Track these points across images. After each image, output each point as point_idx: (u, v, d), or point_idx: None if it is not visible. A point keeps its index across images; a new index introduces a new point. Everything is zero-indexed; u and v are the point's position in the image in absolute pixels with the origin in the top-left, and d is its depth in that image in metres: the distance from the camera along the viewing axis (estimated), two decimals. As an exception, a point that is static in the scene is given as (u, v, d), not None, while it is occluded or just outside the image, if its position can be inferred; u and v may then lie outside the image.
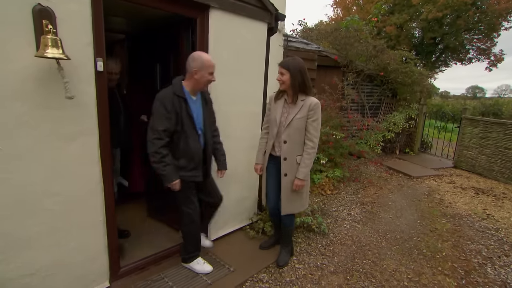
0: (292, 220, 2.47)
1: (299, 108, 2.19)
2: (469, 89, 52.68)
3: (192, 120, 2.01)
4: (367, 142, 5.39)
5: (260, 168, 2.47)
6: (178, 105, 1.93)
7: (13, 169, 1.53)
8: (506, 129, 5.23)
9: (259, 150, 2.48)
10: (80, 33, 1.64)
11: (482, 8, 12.88)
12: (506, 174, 5.22)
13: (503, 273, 2.63)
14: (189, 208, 2.15)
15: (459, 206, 4.12)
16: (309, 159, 2.20)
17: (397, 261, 2.70)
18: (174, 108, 1.92)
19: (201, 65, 1.93)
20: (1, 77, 1.42)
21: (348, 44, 5.69)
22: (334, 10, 17.22)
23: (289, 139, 2.22)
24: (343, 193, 4.35)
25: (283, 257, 2.54)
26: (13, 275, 1.61)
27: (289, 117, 2.20)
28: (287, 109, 2.25)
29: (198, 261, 2.31)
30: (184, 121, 1.97)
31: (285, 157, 2.24)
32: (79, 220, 1.82)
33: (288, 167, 2.24)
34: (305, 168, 2.20)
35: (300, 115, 2.18)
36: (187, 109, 1.97)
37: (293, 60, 2.19)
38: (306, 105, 2.18)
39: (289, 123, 2.19)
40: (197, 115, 2.07)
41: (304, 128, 2.20)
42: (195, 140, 2.05)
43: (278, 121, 2.26)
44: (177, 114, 1.93)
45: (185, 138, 2.01)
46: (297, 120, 2.18)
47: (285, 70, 2.17)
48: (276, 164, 2.34)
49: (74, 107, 1.67)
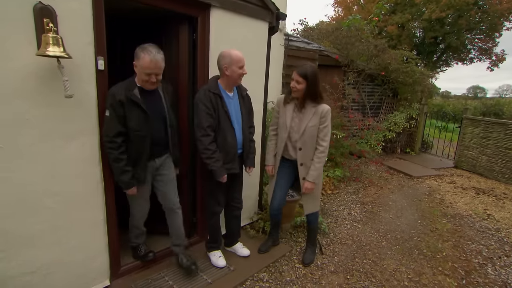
0: (317, 218, 2.58)
1: (311, 115, 2.22)
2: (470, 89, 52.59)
3: (228, 115, 2.10)
4: (367, 142, 5.39)
5: (272, 168, 2.49)
6: (214, 102, 2.04)
7: (14, 168, 1.53)
8: (507, 129, 5.22)
9: (269, 152, 2.51)
10: (81, 32, 1.64)
11: (484, 7, 12.85)
12: (507, 174, 5.21)
13: (503, 273, 2.62)
14: (215, 202, 2.28)
15: (459, 206, 4.11)
16: (319, 163, 2.27)
17: (397, 261, 2.70)
18: (212, 104, 2.02)
19: (230, 61, 2.03)
20: (1, 75, 1.42)
21: (349, 44, 5.68)
22: (335, 10, 17.19)
23: (304, 146, 2.28)
24: (343, 192, 4.35)
25: (309, 255, 2.60)
26: (14, 273, 1.61)
27: (302, 124, 2.24)
28: (297, 115, 2.28)
29: (215, 253, 2.43)
30: (221, 116, 2.07)
31: (301, 163, 2.31)
32: (80, 219, 1.82)
33: (305, 171, 2.32)
34: (315, 172, 2.27)
35: (312, 123, 2.22)
36: (223, 104, 2.07)
37: (310, 69, 2.15)
38: (318, 113, 2.21)
39: (304, 132, 2.23)
40: (234, 110, 2.17)
41: (317, 135, 2.26)
42: (231, 134, 2.14)
43: (288, 125, 2.28)
44: (214, 110, 2.04)
45: (223, 133, 2.10)
46: (311, 128, 2.23)
47: (302, 79, 2.14)
48: (288, 167, 2.41)
49: (75, 106, 1.67)
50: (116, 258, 2.11)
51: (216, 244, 2.46)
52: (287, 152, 2.37)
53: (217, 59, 2.08)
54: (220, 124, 2.08)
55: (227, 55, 2.03)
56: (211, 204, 2.31)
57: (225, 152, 2.13)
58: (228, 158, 2.15)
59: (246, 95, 2.32)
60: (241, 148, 2.28)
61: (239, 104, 2.23)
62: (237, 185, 2.43)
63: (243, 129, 2.24)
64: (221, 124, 2.08)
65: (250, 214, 3.06)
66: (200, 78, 2.33)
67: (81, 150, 1.75)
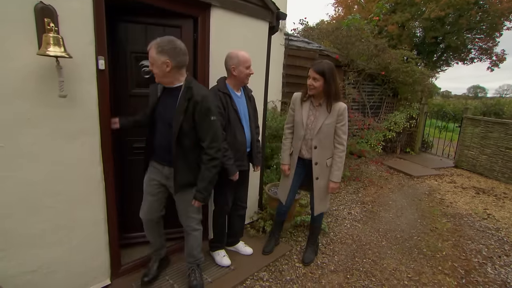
0: (321, 218, 2.60)
1: (327, 113, 2.18)
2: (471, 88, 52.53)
3: (237, 113, 2.15)
4: (368, 142, 5.39)
5: (288, 168, 2.45)
6: (224, 101, 2.09)
7: (15, 167, 1.53)
8: (507, 129, 5.22)
9: (285, 150, 2.45)
10: (81, 32, 1.64)
11: (484, 7, 12.85)
12: (507, 174, 5.21)
13: (503, 272, 2.63)
14: (225, 201, 2.30)
15: (459, 205, 4.12)
16: (341, 162, 2.26)
17: (397, 260, 2.71)
18: (222, 103, 2.07)
19: (238, 62, 2.08)
20: (2, 75, 1.43)
21: (349, 43, 5.68)
22: (336, 9, 17.21)
23: (319, 145, 2.24)
24: (343, 192, 4.35)
25: (309, 254, 2.59)
26: (15, 272, 1.62)
27: (318, 122, 2.21)
28: (313, 112, 2.25)
29: (219, 252, 2.44)
30: (230, 115, 2.11)
31: (316, 162, 2.28)
32: (81, 218, 1.82)
33: (319, 171, 2.30)
34: (338, 171, 2.26)
35: (329, 120, 2.19)
36: (232, 103, 2.12)
37: (327, 65, 2.10)
38: (335, 110, 2.17)
39: (319, 129, 2.20)
40: (242, 109, 2.22)
41: (333, 133, 2.23)
42: (241, 132, 2.17)
43: (304, 123, 2.26)
44: (225, 109, 2.08)
45: (232, 131, 2.13)
46: (327, 126, 2.20)
47: (320, 76, 2.09)
48: (302, 166, 2.38)
49: (76, 106, 1.68)
50: (117, 257, 2.11)
51: (221, 243, 2.47)
52: (301, 152, 2.34)
53: (225, 60, 2.12)
54: (230, 122, 2.12)
55: (234, 56, 2.08)
56: (221, 203, 2.33)
57: (235, 150, 2.16)
58: (238, 155, 2.18)
59: (252, 96, 2.38)
60: (250, 147, 2.31)
61: (246, 103, 2.28)
62: (245, 184, 2.45)
63: (251, 128, 2.28)
64: (231, 123, 2.12)
65: (250, 213, 3.06)
66: (200, 78, 2.34)
67: (82, 149, 1.75)
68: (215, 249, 2.46)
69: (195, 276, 2.09)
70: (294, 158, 2.38)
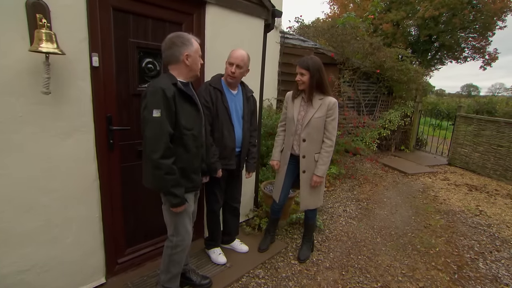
0: (315, 215, 2.58)
1: (317, 107, 2.21)
2: (464, 87, 53.22)
3: (228, 111, 2.12)
4: (363, 140, 5.42)
5: (277, 163, 2.48)
6: (214, 96, 2.07)
7: (9, 164, 1.51)
8: (499, 127, 5.30)
9: (276, 147, 2.50)
10: (75, 28, 1.62)
11: (478, 7, 12.96)
12: (498, 171, 5.29)
13: (494, 267, 2.68)
14: (214, 200, 2.30)
15: (452, 202, 4.18)
16: (327, 157, 2.26)
17: (391, 256, 2.74)
18: (211, 98, 2.06)
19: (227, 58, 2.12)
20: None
21: (344, 42, 5.70)
22: (331, 7, 17.18)
23: (308, 138, 2.25)
24: (338, 189, 4.38)
25: (305, 251, 2.61)
26: (7, 271, 1.60)
27: (308, 116, 2.23)
28: (304, 108, 2.27)
29: (215, 250, 2.45)
30: (219, 111, 2.09)
31: (303, 155, 2.29)
32: (76, 216, 1.81)
33: (306, 164, 2.30)
34: (323, 166, 2.26)
35: (318, 114, 2.21)
36: (223, 100, 2.10)
37: (311, 60, 2.16)
38: (324, 104, 2.20)
39: (308, 122, 2.22)
40: (235, 108, 2.19)
41: (323, 127, 2.24)
42: (229, 130, 2.14)
43: (295, 118, 2.28)
44: (213, 104, 2.07)
45: (220, 128, 2.11)
46: (316, 120, 2.21)
47: (305, 71, 2.16)
48: (295, 164, 2.38)
49: (70, 103, 1.66)
50: (112, 256, 2.10)
51: (216, 241, 2.47)
52: (293, 148, 2.35)
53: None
54: (218, 118, 2.09)
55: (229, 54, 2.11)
56: (210, 202, 2.33)
57: (222, 147, 2.14)
58: (224, 153, 2.15)
59: (251, 97, 2.34)
60: (240, 147, 2.27)
61: (242, 103, 2.24)
62: (237, 185, 2.44)
63: (243, 128, 2.25)
64: (219, 119, 2.09)
65: (246, 211, 3.06)
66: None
67: (77, 147, 1.74)
68: (211, 247, 2.46)
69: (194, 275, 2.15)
70: (287, 155, 2.39)
